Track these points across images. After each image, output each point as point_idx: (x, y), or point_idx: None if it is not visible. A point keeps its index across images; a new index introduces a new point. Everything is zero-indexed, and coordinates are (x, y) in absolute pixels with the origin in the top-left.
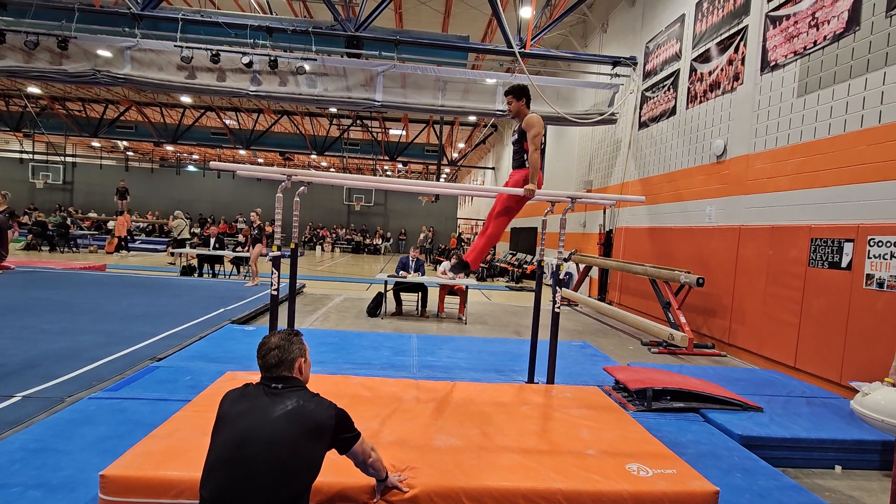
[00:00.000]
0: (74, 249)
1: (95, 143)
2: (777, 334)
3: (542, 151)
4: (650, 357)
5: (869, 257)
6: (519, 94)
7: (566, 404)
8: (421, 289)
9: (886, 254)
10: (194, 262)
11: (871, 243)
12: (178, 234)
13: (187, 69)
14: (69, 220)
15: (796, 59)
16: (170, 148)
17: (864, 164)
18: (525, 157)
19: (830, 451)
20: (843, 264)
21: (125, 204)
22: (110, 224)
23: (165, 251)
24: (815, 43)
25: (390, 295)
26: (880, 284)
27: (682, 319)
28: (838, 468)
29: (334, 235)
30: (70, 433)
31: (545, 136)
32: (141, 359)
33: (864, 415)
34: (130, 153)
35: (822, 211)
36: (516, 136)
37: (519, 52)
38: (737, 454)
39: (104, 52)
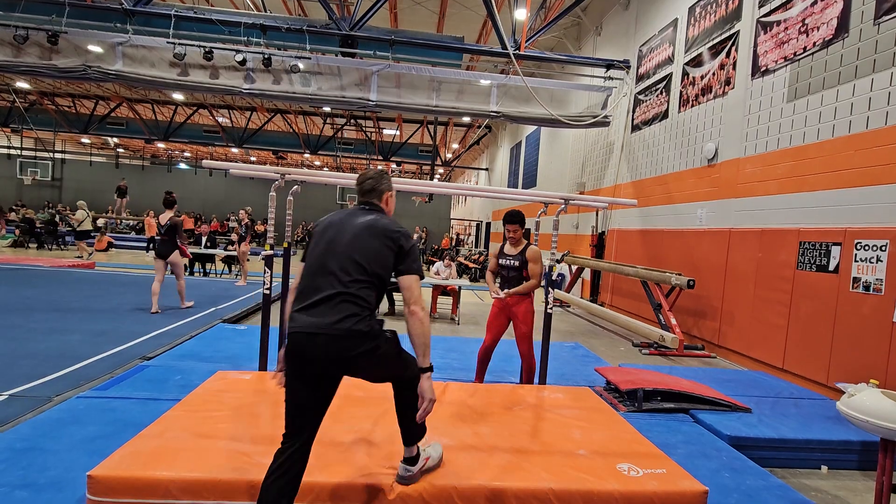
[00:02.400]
0: (63, 247)
1: (85, 140)
2: (766, 336)
3: None
4: (641, 358)
5: (856, 261)
6: (522, 222)
7: (558, 405)
8: None
9: (872, 257)
10: (185, 260)
11: (858, 247)
12: (79, 226)
13: (180, 66)
14: (58, 217)
15: (787, 65)
16: (161, 145)
17: (852, 169)
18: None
19: (817, 451)
20: (831, 267)
21: (125, 202)
22: (100, 222)
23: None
24: (804, 49)
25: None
26: (866, 287)
27: (673, 321)
28: (824, 468)
29: None
30: (58, 433)
31: None
32: (130, 358)
33: (850, 415)
34: (121, 150)
35: (810, 215)
36: (516, 262)
37: (513, 54)
38: (725, 454)
39: (95, 48)
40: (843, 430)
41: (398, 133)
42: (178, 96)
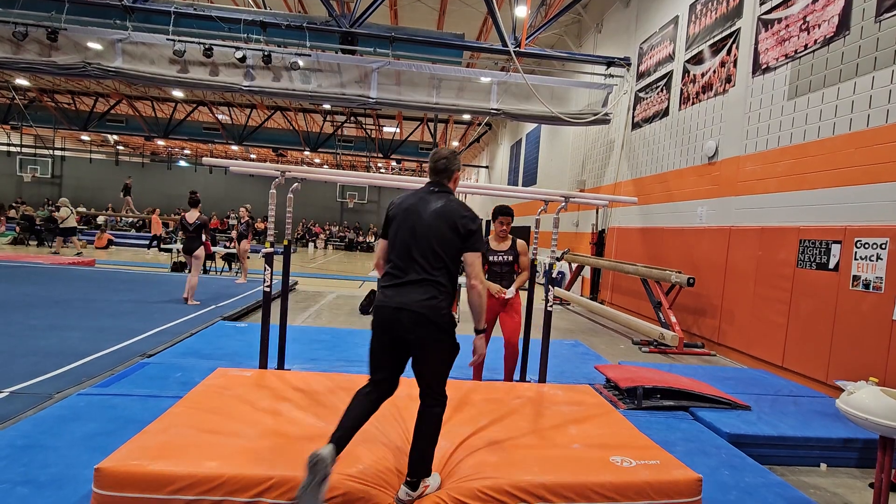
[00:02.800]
0: (64, 244)
1: (85, 137)
2: (765, 334)
3: None
4: (641, 356)
5: (856, 259)
6: (513, 215)
7: (556, 402)
8: None
9: (872, 255)
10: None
11: (858, 245)
12: (62, 223)
13: (180, 63)
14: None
15: (787, 63)
16: (161, 142)
17: (852, 167)
18: (514, 277)
19: (816, 448)
20: (831, 265)
21: (129, 201)
22: (100, 219)
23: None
24: (805, 46)
25: None
26: (866, 286)
27: (673, 319)
28: (823, 466)
29: (327, 232)
30: (58, 430)
31: None
32: (131, 355)
33: (850, 413)
34: (121, 147)
35: (810, 213)
36: (509, 258)
37: (514, 51)
38: (725, 452)
39: (95, 45)
40: (842, 427)
41: (398, 130)
42: (177, 93)
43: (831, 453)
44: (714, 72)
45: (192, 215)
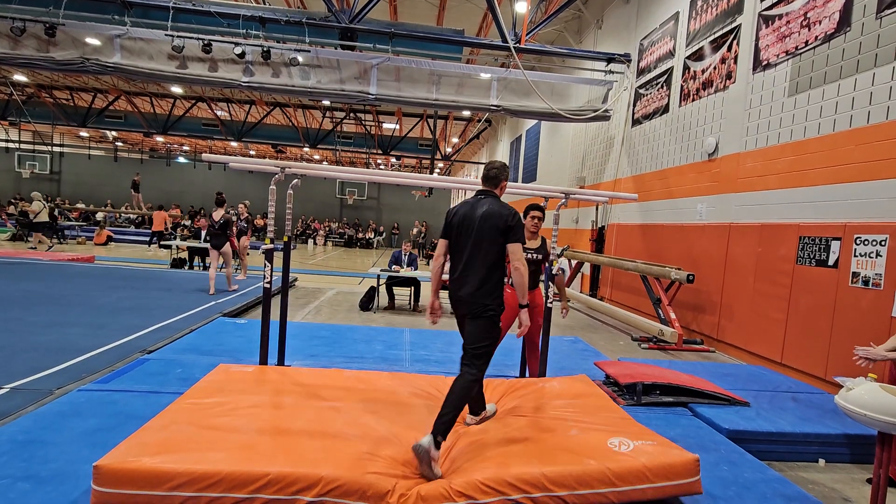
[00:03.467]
0: (62, 241)
1: (83, 133)
2: (765, 330)
3: None
4: (640, 352)
5: (855, 255)
6: (545, 212)
7: (554, 392)
8: (413, 283)
9: (872, 252)
10: (185, 254)
11: (858, 242)
12: (35, 218)
13: (178, 59)
14: (56, 210)
15: (788, 59)
16: (160, 139)
17: (852, 164)
18: (541, 277)
19: (814, 444)
20: (830, 262)
21: (139, 197)
22: (99, 215)
23: (156, 243)
24: (806, 43)
25: (383, 289)
26: (865, 282)
27: (672, 316)
28: (822, 461)
29: (327, 229)
30: (59, 425)
31: None
32: (131, 351)
33: (848, 409)
34: (119, 144)
35: (810, 209)
36: (538, 256)
37: (514, 47)
38: (724, 447)
39: (93, 40)
40: (840, 423)
41: (398, 127)
42: (176, 89)
43: (830, 449)
44: (714, 68)
45: (219, 214)
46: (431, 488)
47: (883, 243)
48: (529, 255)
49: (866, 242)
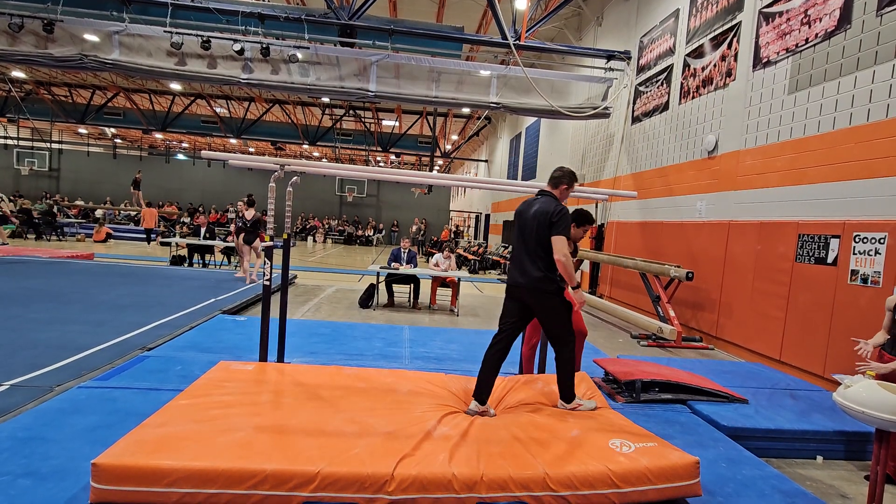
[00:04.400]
0: (61, 238)
1: (82, 130)
2: (763, 328)
3: None
4: (639, 350)
5: (854, 253)
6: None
7: (555, 391)
8: (413, 281)
9: (871, 250)
10: (184, 251)
11: (857, 240)
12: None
13: (177, 55)
14: (55, 207)
15: (788, 56)
16: (159, 136)
17: (852, 162)
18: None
19: (812, 441)
20: (829, 260)
21: (139, 195)
22: (98, 212)
23: (155, 240)
24: (806, 40)
25: (382, 286)
26: (864, 280)
27: (672, 313)
28: (820, 458)
29: (326, 226)
30: (59, 422)
31: None
32: (131, 348)
33: (846, 406)
34: (118, 140)
35: (809, 207)
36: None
37: (514, 44)
38: (722, 444)
39: (91, 37)
40: (838, 420)
41: (397, 124)
42: (175, 86)
43: (828, 446)
44: (714, 66)
45: (250, 213)
46: (433, 475)
47: (882, 241)
48: None
49: (865, 240)
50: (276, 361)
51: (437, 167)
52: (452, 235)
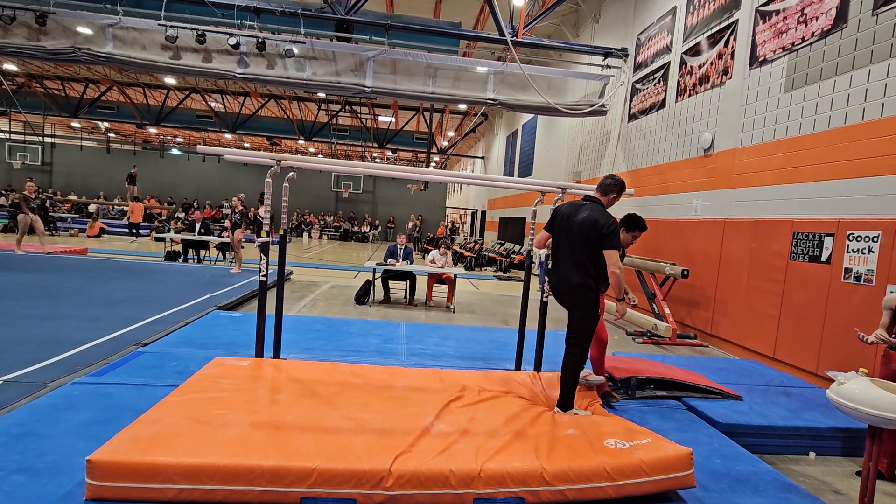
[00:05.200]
0: (54, 233)
1: (75, 124)
2: (758, 326)
3: None
4: (635, 347)
5: (848, 251)
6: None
7: (550, 389)
8: (409, 277)
9: (864, 248)
10: (179, 247)
11: (850, 238)
12: None
13: (172, 49)
14: (48, 202)
15: (784, 55)
16: (153, 130)
17: (846, 161)
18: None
19: (805, 438)
20: (823, 258)
21: (134, 190)
22: (92, 207)
23: (149, 236)
24: (803, 39)
25: (378, 283)
26: (857, 278)
27: (667, 310)
28: (812, 454)
29: (322, 223)
30: (54, 418)
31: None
32: (125, 344)
33: (839, 403)
34: (112, 135)
35: (804, 206)
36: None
37: (511, 41)
38: (717, 441)
39: (84, 30)
40: (831, 417)
41: (394, 120)
42: (169, 80)
43: (820, 442)
44: (711, 63)
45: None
46: (430, 471)
47: (875, 239)
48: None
49: (859, 238)
50: (272, 357)
51: (433, 164)
52: (448, 232)
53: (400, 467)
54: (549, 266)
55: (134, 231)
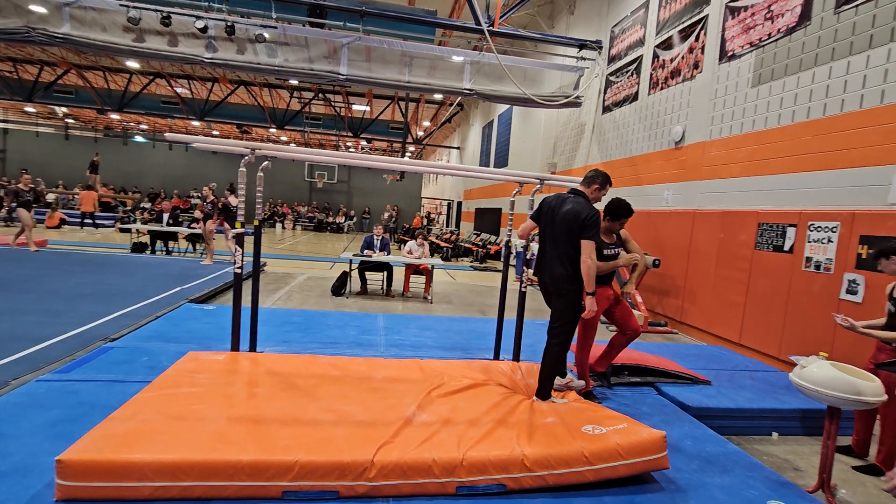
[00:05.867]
0: (9, 223)
1: (30, 109)
2: (725, 313)
3: None
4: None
5: (808, 241)
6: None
7: (529, 377)
8: (386, 268)
9: (824, 238)
10: (146, 238)
11: (811, 228)
12: None
13: (135, 31)
14: (2, 191)
15: (752, 51)
16: (115, 116)
17: (810, 154)
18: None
19: (769, 419)
20: (786, 248)
21: (96, 179)
22: (50, 197)
23: (114, 226)
24: (769, 35)
25: (355, 274)
26: (817, 267)
27: (639, 299)
28: (775, 434)
29: (295, 213)
30: (17, 417)
31: None
32: (92, 339)
33: (801, 385)
34: (70, 121)
35: (769, 197)
36: (618, 250)
37: (487, 30)
38: (688, 424)
39: (38, 8)
40: (793, 399)
41: (368, 109)
42: (132, 64)
43: (783, 423)
44: (682, 57)
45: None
46: (413, 461)
47: (834, 230)
48: (612, 251)
49: (819, 229)
50: (248, 351)
51: (408, 154)
52: (425, 223)
53: (382, 458)
54: (537, 259)
55: (90, 222)
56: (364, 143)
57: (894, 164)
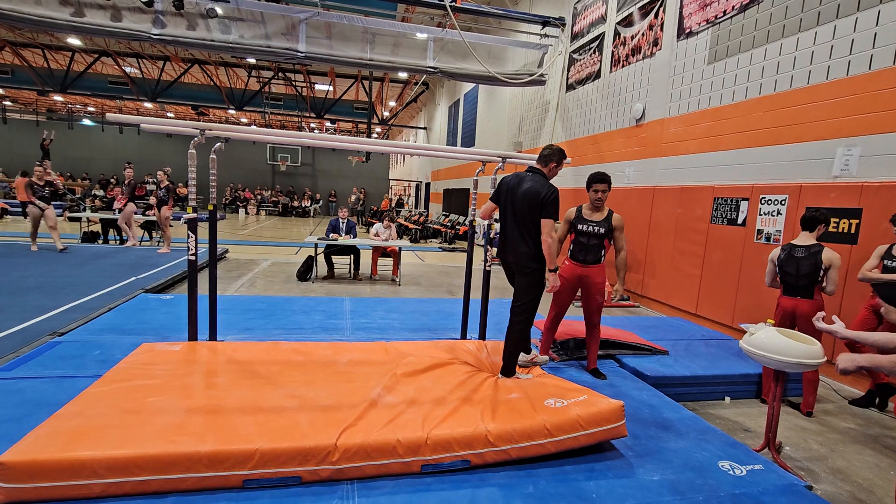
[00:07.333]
0: None
1: None
2: (682, 285)
3: None
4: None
5: (760, 214)
6: (610, 183)
7: (495, 355)
8: (353, 251)
9: (774, 211)
10: (97, 227)
11: (763, 202)
12: None
13: (73, 5)
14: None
15: (708, 28)
16: (58, 98)
17: (761, 129)
18: (603, 253)
19: (722, 384)
20: (739, 221)
21: (48, 164)
22: None
23: (62, 215)
24: (724, 12)
25: (321, 258)
26: (768, 238)
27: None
28: (727, 398)
29: (258, 198)
30: None
31: None
32: (38, 334)
33: (750, 352)
34: (8, 103)
35: (724, 172)
36: (600, 230)
37: (450, 6)
38: (646, 392)
39: None
40: (743, 364)
41: (332, 89)
42: (74, 41)
43: (734, 388)
44: (643, 35)
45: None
46: (377, 442)
47: (783, 202)
48: (591, 228)
49: (770, 202)
50: (208, 340)
51: (374, 135)
52: (394, 205)
53: (346, 441)
54: (499, 239)
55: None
56: (328, 124)
57: (838, 138)
